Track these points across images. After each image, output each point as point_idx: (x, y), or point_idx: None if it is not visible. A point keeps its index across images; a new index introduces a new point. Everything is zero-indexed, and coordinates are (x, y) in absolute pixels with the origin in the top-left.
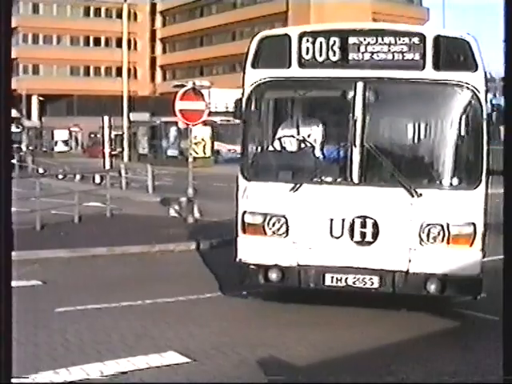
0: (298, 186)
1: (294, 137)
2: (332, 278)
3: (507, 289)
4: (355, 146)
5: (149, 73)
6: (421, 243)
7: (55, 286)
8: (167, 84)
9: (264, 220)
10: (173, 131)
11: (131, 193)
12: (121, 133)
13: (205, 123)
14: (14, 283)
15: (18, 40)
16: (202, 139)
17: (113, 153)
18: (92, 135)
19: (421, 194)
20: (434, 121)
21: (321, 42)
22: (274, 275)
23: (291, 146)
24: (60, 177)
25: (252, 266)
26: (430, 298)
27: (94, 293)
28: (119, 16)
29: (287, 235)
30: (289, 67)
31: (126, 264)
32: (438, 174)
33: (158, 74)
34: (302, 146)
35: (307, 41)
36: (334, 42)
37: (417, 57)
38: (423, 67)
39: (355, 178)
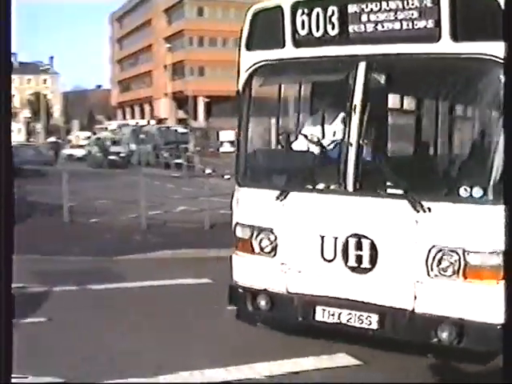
0: (284, 193)
1: (288, 133)
2: (323, 311)
3: (509, 294)
4: (351, 145)
5: None
6: (429, 274)
7: (225, 285)
8: None
9: (252, 234)
10: None
11: None
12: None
13: None
14: (181, 281)
15: (183, 43)
16: None
17: None
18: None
19: (428, 209)
20: (451, 110)
21: (317, 13)
22: (262, 302)
23: (285, 144)
24: (226, 177)
25: (240, 290)
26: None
27: None
28: None
29: (275, 254)
30: (283, 47)
31: None
32: (453, 182)
33: None
34: (299, 144)
35: (302, 13)
36: (332, 11)
37: (430, 24)
38: (438, 38)
39: (349, 186)
